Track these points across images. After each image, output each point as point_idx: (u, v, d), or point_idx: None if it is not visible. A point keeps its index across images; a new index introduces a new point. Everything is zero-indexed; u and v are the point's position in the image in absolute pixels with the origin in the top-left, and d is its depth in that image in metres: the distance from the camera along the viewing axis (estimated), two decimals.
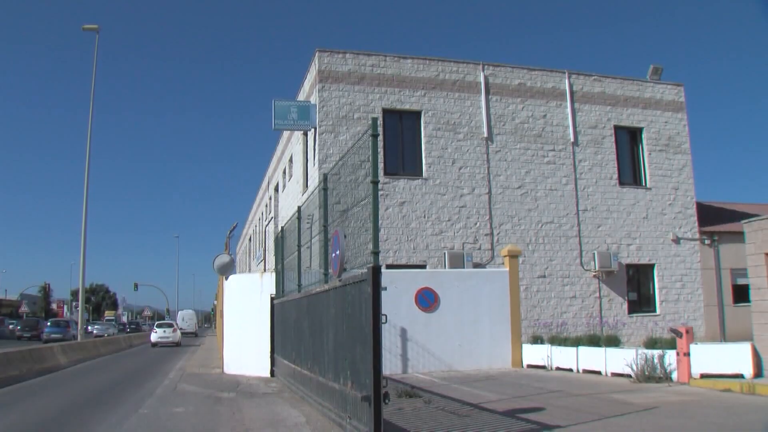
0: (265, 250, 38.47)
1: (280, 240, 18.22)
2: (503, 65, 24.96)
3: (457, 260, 22.14)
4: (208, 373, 20.12)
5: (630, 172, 26.57)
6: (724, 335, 24.98)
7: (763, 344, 15.47)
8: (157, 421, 11.44)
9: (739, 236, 17.54)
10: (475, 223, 23.18)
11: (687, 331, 15.48)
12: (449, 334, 19.22)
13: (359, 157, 8.88)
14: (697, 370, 15.20)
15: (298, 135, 26.23)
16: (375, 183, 8.10)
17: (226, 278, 21.01)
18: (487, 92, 24.24)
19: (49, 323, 49.82)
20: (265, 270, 30.45)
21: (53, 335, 43.19)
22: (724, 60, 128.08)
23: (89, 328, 58.15)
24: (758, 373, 15.15)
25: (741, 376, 14.97)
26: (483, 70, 24.42)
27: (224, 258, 21.72)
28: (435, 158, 23.08)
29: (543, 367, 19.25)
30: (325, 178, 11.23)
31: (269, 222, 37.67)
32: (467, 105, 23.84)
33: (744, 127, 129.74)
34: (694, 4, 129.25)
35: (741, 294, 23.70)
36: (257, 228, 47.13)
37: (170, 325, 46.58)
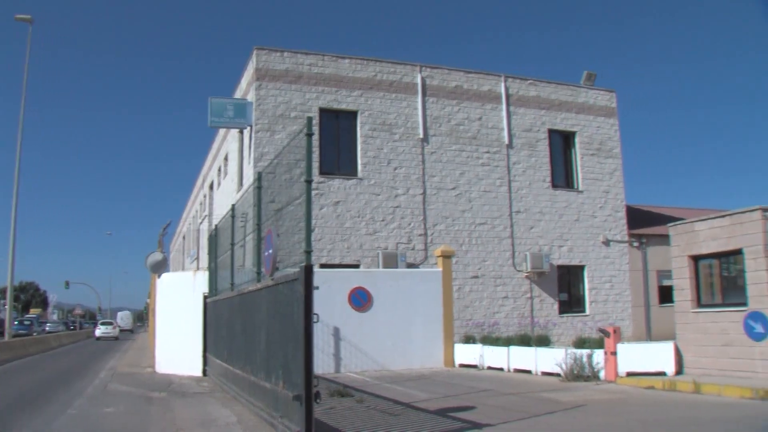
0: (198, 249, 38.47)
1: (213, 238, 18.45)
2: (440, 67, 25.70)
3: (391, 260, 22.69)
4: (140, 373, 20.27)
5: (563, 175, 27.62)
6: (650, 335, 26.16)
7: (685, 343, 16.44)
8: (86, 421, 11.48)
9: (665, 239, 18.33)
10: (410, 224, 23.80)
11: (614, 331, 16.25)
12: (382, 333, 19.79)
13: (294, 156, 9.06)
14: (623, 368, 15.96)
15: (234, 133, 26.47)
16: (309, 182, 8.29)
17: (159, 276, 21.17)
18: (424, 94, 24.96)
19: None
20: (198, 268, 30.55)
21: None
22: (655, 67, 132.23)
23: (47, 326, 67.04)
24: (679, 370, 16.13)
25: (664, 373, 15.88)
26: (420, 72, 25.14)
27: (157, 256, 21.87)
28: (371, 158, 23.64)
29: (475, 367, 19.90)
30: (259, 177, 11.46)
31: (203, 220, 37.72)
32: (404, 106, 24.48)
33: (672, 133, 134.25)
34: (628, 14, 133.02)
35: (666, 295, 24.75)
36: (191, 226, 46.97)
37: (111, 323, 62.58)
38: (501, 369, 19.08)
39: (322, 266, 21.50)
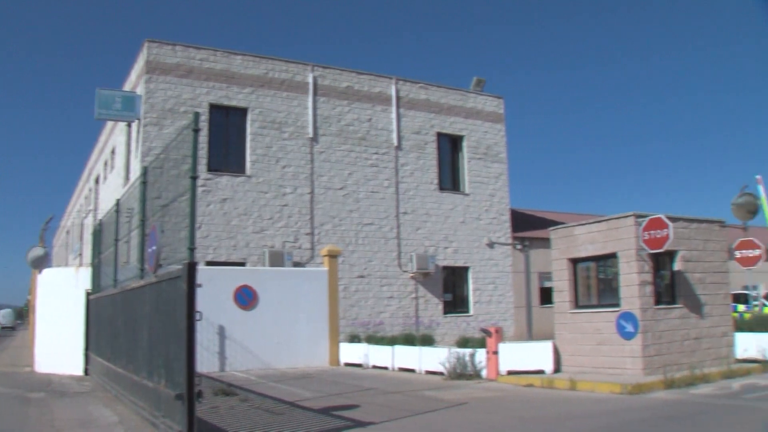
0: (82, 244, 37.50)
1: (98, 233, 18.23)
2: (332, 67, 26.08)
3: (278, 259, 22.89)
4: (18, 372, 19.76)
5: (450, 178, 28.54)
6: (530, 334, 27.36)
7: (563, 342, 17.24)
8: None
9: (546, 242, 19.01)
10: (297, 223, 24.07)
11: (496, 331, 16.89)
12: (268, 332, 20.06)
13: (182, 152, 9.06)
14: (504, 367, 16.59)
15: (121, 126, 25.98)
16: (194, 178, 8.32)
17: (40, 272, 20.71)
18: (315, 93, 25.28)
19: None
20: (81, 264, 29.89)
21: None
22: (543, 74, 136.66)
23: None
24: (558, 368, 16.89)
25: (543, 372, 16.56)
26: (312, 71, 25.44)
27: (38, 251, 21.36)
28: (259, 156, 23.76)
29: (360, 366, 20.36)
30: (145, 171, 11.39)
31: (88, 214, 36.82)
32: (294, 105, 24.73)
33: (556, 139, 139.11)
34: (520, 20, 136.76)
35: (547, 296, 25.92)
36: (76, 221, 45.65)
37: None
38: (386, 368, 19.54)
39: (208, 264, 21.53)
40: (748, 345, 17.48)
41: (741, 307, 26.81)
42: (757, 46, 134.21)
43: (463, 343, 18.00)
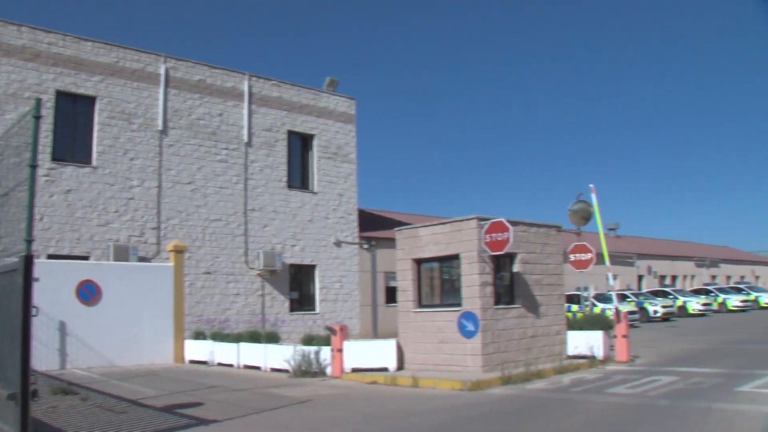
0: None
1: None
2: (185, 60, 26.01)
3: (123, 253, 22.65)
4: None
5: (299, 177, 29.18)
6: (376, 333, 28.33)
7: (406, 340, 17.88)
8: None
9: (393, 242, 19.44)
10: (143, 217, 23.88)
11: (341, 329, 17.45)
12: (111, 328, 19.98)
13: (23, 139, 8.90)
14: (349, 364, 17.13)
15: None
16: (33, 167, 8.14)
17: None
18: (167, 85, 25.13)
19: None
20: None
21: None
22: (394, 77, 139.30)
23: None
24: (401, 366, 17.53)
25: (387, 369, 17.14)
26: (165, 63, 25.27)
27: None
28: (107, 147, 23.38)
29: (205, 363, 20.65)
30: None
31: None
32: (145, 96, 24.49)
33: (406, 141, 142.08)
34: (375, 22, 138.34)
35: (392, 295, 26.75)
36: None
37: None
38: (231, 365, 19.82)
39: (50, 257, 21.11)
40: (579, 342, 18.76)
41: (574, 307, 28.88)
42: (599, 57, 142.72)
43: (309, 340, 18.36)
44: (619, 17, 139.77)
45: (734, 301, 50.37)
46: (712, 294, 50.92)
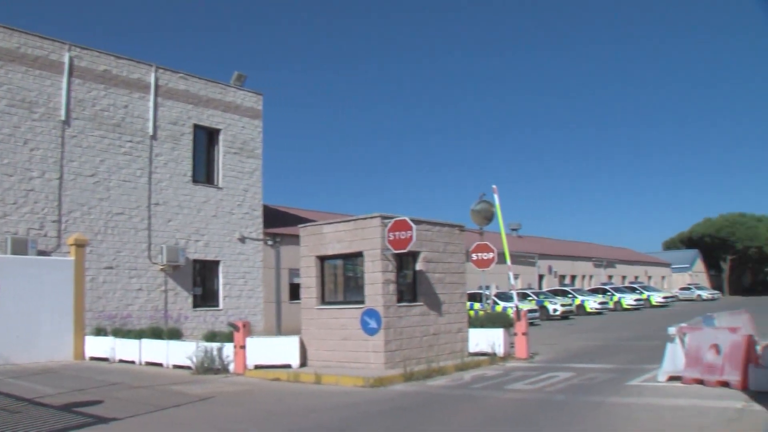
0: None
1: None
2: (91, 49, 25.59)
3: (21, 246, 22.21)
4: None
5: (204, 171, 29.21)
6: (279, 329, 28.53)
7: (309, 337, 18.20)
8: None
9: (297, 239, 19.53)
10: (43, 209, 23.46)
11: (244, 326, 17.66)
12: (7, 324, 19.80)
13: None
14: (252, 361, 17.39)
15: None
16: None
17: None
18: (71, 74, 24.71)
19: None
20: None
21: None
22: (302, 73, 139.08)
23: None
24: (304, 363, 17.85)
25: (290, 366, 17.45)
26: (69, 51, 24.81)
27: None
28: (6, 136, 22.81)
29: (106, 360, 20.65)
30: None
31: None
32: (47, 84, 24.03)
33: (313, 137, 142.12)
34: (283, 19, 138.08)
35: (296, 292, 26.99)
36: None
37: None
38: (133, 362, 19.90)
39: None
40: (480, 340, 19.48)
41: (477, 305, 29.78)
42: (505, 55, 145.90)
43: (212, 337, 18.54)
44: (491, 20, 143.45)
45: (629, 300, 53.18)
46: (609, 293, 53.52)
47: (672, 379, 13.60)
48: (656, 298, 57.34)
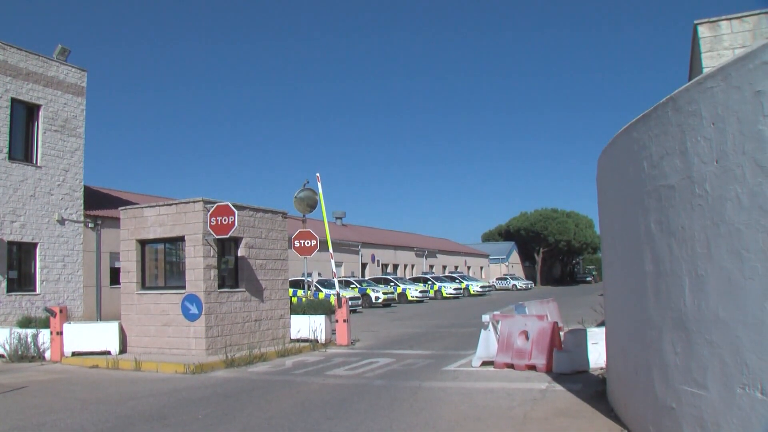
0: None
1: None
2: None
3: None
4: None
5: (22, 148, 28.18)
6: (100, 315, 28.42)
7: (129, 323, 18.47)
8: None
9: (118, 222, 19.72)
10: None
11: (61, 311, 17.74)
12: None
13: None
14: (70, 348, 17.49)
15: None
16: None
17: None
18: None
19: None
20: None
21: None
22: (131, 49, 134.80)
23: None
24: (124, 349, 18.15)
25: (109, 353, 17.64)
26: None
27: None
28: None
29: None
30: None
31: None
32: None
33: (138, 117, 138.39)
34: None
35: (117, 276, 27.03)
36: None
37: None
38: None
39: None
40: (302, 326, 20.38)
41: (300, 292, 30.76)
42: (374, 39, 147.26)
43: (27, 323, 18.49)
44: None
45: (449, 289, 56.28)
46: (430, 282, 56.36)
47: (485, 363, 14.96)
48: (474, 287, 60.90)
